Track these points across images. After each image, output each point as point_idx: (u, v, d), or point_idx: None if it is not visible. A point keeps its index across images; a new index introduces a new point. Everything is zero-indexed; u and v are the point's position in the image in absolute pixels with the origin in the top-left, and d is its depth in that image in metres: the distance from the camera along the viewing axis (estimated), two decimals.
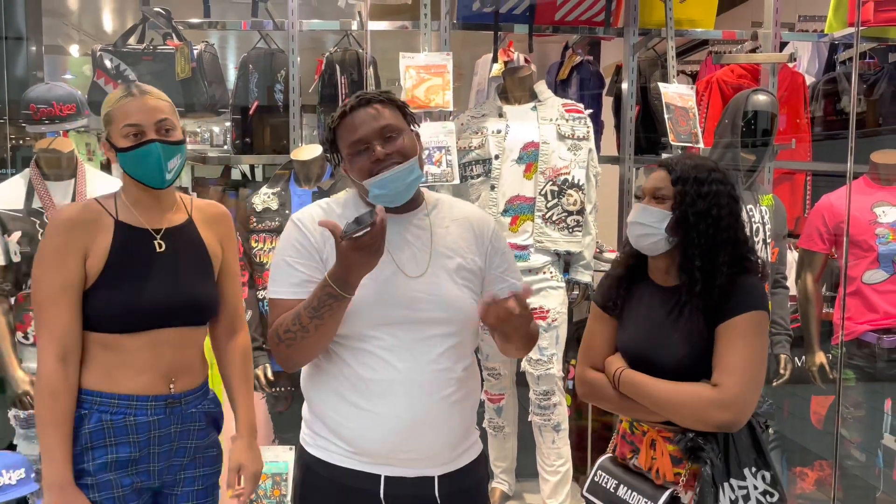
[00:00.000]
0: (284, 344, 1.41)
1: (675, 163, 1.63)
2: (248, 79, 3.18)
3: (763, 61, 3.13)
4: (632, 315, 1.68)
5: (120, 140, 1.56)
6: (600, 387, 1.67)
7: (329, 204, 1.55)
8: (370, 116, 1.44)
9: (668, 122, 2.83)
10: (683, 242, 1.57)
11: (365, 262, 1.34)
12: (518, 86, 2.86)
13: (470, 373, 1.55)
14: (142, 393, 1.58)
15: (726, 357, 1.51)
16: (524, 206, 2.74)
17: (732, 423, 1.50)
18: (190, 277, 1.64)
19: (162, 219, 1.64)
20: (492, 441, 2.98)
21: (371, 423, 1.44)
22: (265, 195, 2.69)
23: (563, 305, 2.75)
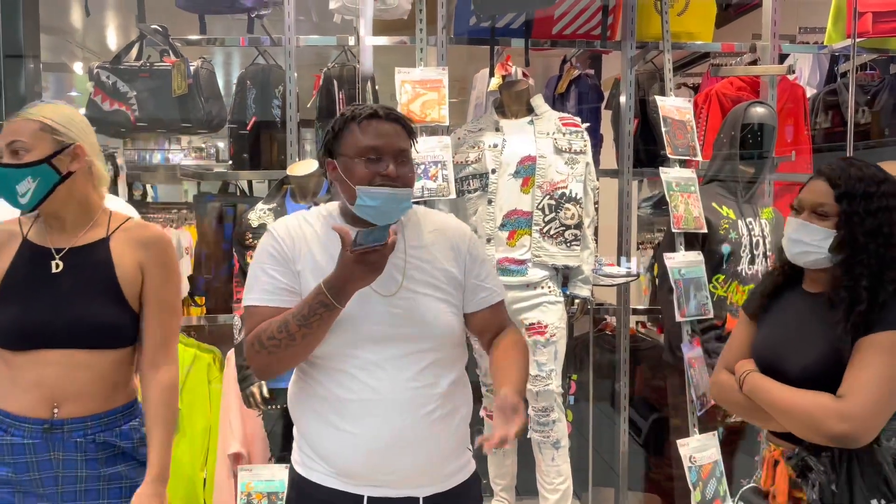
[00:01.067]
0: (266, 350, 1.38)
1: (839, 175, 1.50)
2: (245, 94, 3.20)
3: (761, 73, 3.12)
4: (772, 320, 1.63)
5: None
6: (728, 389, 1.63)
7: (304, 216, 1.53)
8: (392, 132, 1.44)
9: (666, 135, 2.81)
10: (848, 260, 1.48)
11: (366, 277, 1.33)
12: (515, 100, 2.85)
13: (456, 389, 1.51)
14: (20, 413, 1.55)
15: (859, 371, 1.43)
16: (522, 221, 2.72)
17: (849, 436, 1.40)
18: (83, 299, 1.58)
19: (70, 238, 1.61)
20: (491, 458, 2.94)
21: (350, 444, 1.42)
22: (261, 211, 2.68)
23: (561, 320, 2.73)
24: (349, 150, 1.43)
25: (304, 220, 1.51)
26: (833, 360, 1.47)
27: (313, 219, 1.52)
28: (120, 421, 1.63)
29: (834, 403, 1.42)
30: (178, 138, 7.49)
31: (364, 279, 1.34)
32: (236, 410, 2.96)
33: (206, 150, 8.38)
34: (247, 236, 2.66)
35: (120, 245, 1.63)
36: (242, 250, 2.66)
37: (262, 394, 2.60)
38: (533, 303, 2.69)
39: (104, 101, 2.82)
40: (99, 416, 1.59)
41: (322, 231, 1.49)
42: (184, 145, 8.15)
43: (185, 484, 2.98)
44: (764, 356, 1.60)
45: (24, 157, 1.53)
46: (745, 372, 1.59)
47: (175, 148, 8.03)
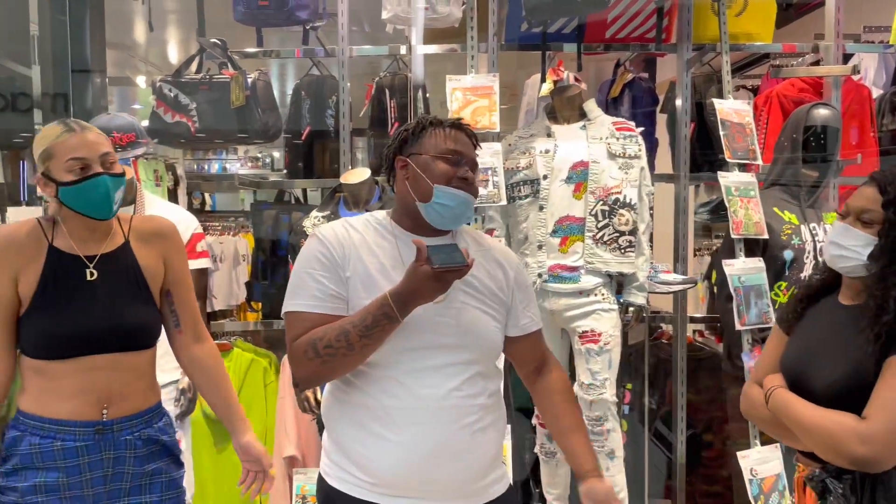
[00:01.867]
0: (321, 359, 1.37)
1: (891, 182, 1.46)
2: (300, 105, 3.25)
3: (824, 74, 3.02)
4: (803, 332, 1.59)
5: (63, 174, 1.56)
6: (756, 404, 1.59)
7: (350, 223, 1.54)
8: (469, 143, 1.53)
9: (724, 138, 2.75)
10: (885, 270, 1.44)
11: (435, 293, 1.36)
12: (566, 105, 2.82)
13: (496, 402, 1.52)
14: (70, 418, 1.58)
15: (886, 391, 1.38)
16: (574, 227, 2.69)
17: (870, 460, 1.35)
18: (121, 304, 1.63)
19: (97, 245, 1.64)
20: (544, 467, 2.91)
21: (391, 452, 1.41)
22: (315, 218, 2.72)
23: (615, 328, 2.68)
24: (430, 149, 1.48)
25: (350, 226, 1.52)
26: (859, 378, 1.42)
27: (360, 226, 1.52)
28: (156, 418, 1.70)
29: (856, 424, 1.37)
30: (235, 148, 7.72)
31: (432, 295, 1.36)
32: (291, 414, 3.01)
33: (262, 160, 8.60)
34: (301, 243, 2.70)
35: (138, 244, 1.69)
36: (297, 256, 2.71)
37: (317, 398, 2.64)
38: (586, 310, 2.65)
39: (166, 113, 2.92)
40: (141, 413, 1.66)
41: (372, 239, 1.50)
42: (240, 155, 8.38)
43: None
44: (792, 370, 1.55)
45: (116, 168, 1.61)
46: (773, 388, 1.54)
47: (232, 158, 8.28)
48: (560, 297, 2.66)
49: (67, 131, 1.58)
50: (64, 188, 1.57)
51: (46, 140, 1.59)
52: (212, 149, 6.53)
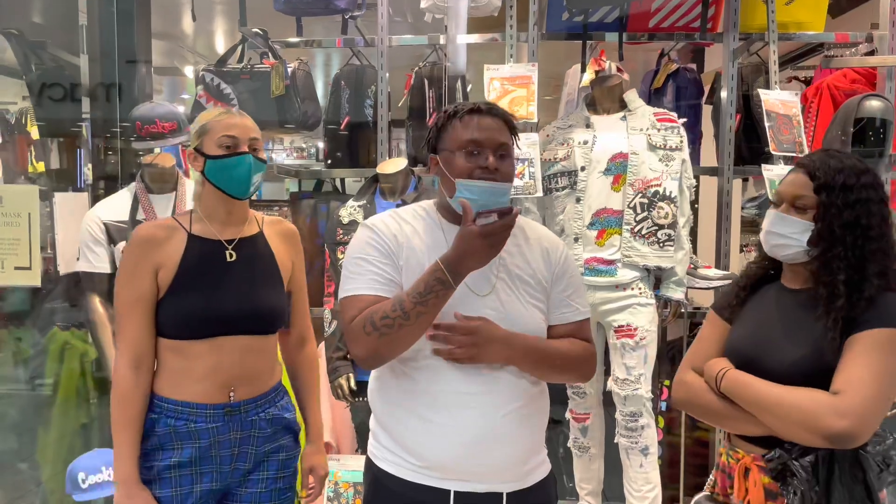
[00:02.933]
0: (378, 332, 1.38)
1: (818, 166, 1.47)
2: (340, 95, 3.27)
3: (878, 64, 2.90)
4: (748, 317, 1.57)
5: (214, 149, 1.67)
6: (697, 390, 1.54)
7: (399, 214, 1.56)
8: (494, 127, 1.47)
9: (769, 130, 2.66)
10: (826, 254, 1.44)
11: (485, 253, 1.36)
12: (606, 95, 2.77)
13: (539, 389, 1.54)
14: (201, 401, 1.65)
15: (853, 367, 1.37)
16: (611, 220, 2.65)
17: (849, 434, 1.33)
18: (258, 287, 1.71)
19: (235, 230, 1.73)
20: (577, 462, 2.89)
21: (440, 436, 1.44)
22: (352, 208, 2.74)
23: (652, 323, 2.63)
24: (450, 144, 1.47)
25: (400, 217, 1.54)
26: (820, 359, 1.40)
27: (410, 217, 1.54)
28: (279, 397, 1.78)
29: (831, 399, 1.35)
30: (281, 139, 7.82)
31: (482, 256, 1.36)
32: (326, 402, 3.04)
33: (307, 150, 8.70)
34: (338, 232, 2.73)
35: (272, 238, 1.78)
36: (333, 246, 2.73)
37: (350, 386, 2.67)
38: (622, 304, 2.61)
39: (208, 102, 2.96)
40: (266, 394, 1.74)
41: (422, 229, 1.52)
42: (286, 145, 8.49)
43: None
44: (742, 355, 1.50)
45: (261, 154, 1.71)
46: (723, 369, 1.49)
47: (279, 148, 8.39)
48: (596, 290, 2.62)
49: (226, 113, 1.70)
50: (211, 161, 1.66)
51: (205, 118, 1.71)
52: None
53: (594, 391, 2.79)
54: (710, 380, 1.52)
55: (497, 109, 1.49)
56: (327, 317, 2.74)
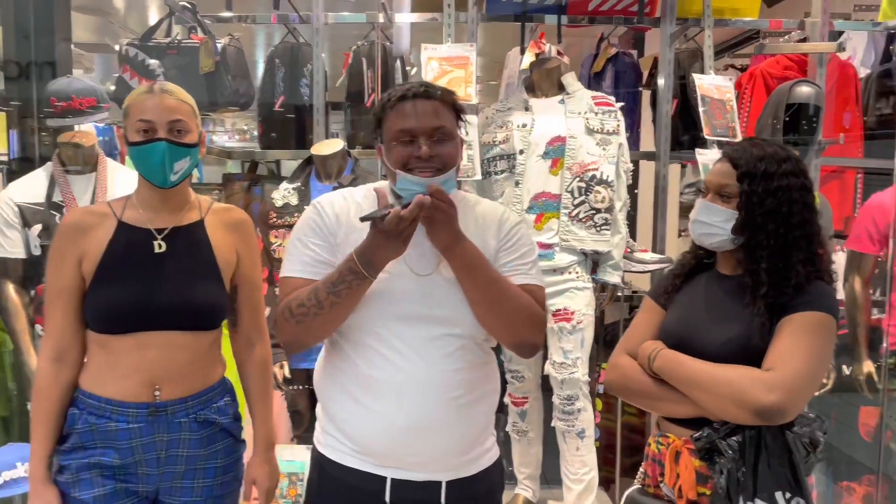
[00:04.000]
0: (294, 320, 1.38)
1: (740, 155, 1.49)
2: (274, 73, 3.16)
3: (809, 51, 2.96)
4: (681, 302, 1.58)
5: (132, 134, 1.56)
6: (631, 373, 1.54)
7: (351, 193, 1.53)
8: (428, 111, 1.42)
9: (704, 115, 2.69)
10: (750, 242, 1.46)
11: (390, 247, 1.34)
12: (545, 78, 2.75)
13: (484, 375, 1.50)
14: (124, 399, 1.55)
15: (784, 346, 1.39)
16: (550, 204, 2.63)
17: (780, 408, 1.35)
18: (191, 280, 1.59)
19: (170, 218, 1.62)
20: (515, 446, 2.89)
21: (378, 423, 1.42)
22: (285, 190, 2.66)
23: (588, 307, 2.64)
24: (387, 133, 1.44)
25: (350, 197, 1.52)
26: (748, 341, 1.42)
27: (360, 197, 1.52)
28: (216, 398, 1.66)
29: (761, 374, 1.38)
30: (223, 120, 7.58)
31: (389, 249, 1.34)
32: None
33: (249, 132, 8.47)
34: (271, 215, 2.64)
35: (214, 227, 1.66)
36: (266, 229, 2.65)
37: (285, 374, 2.60)
38: (559, 288, 2.61)
39: (132, 78, 2.82)
40: (198, 394, 1.62)
41: (370, 208, 1.47)
42: (228, 127, 8.24)
43: None
44: (676, 336, 1.52)
45: (185, 137, 1.57)
46: (655, 349, 1.50)
47: (220, 129, 8.14)
48: None
49: (146, 92, 1.57)
50: (131, 147, 1.57)
51: (128, 99, 1.59)
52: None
53: (532, 375, 2.79)
54: (644, 360, 1.53)
55: (432, 91, 1.44)
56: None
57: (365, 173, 2.69)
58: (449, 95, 1.46)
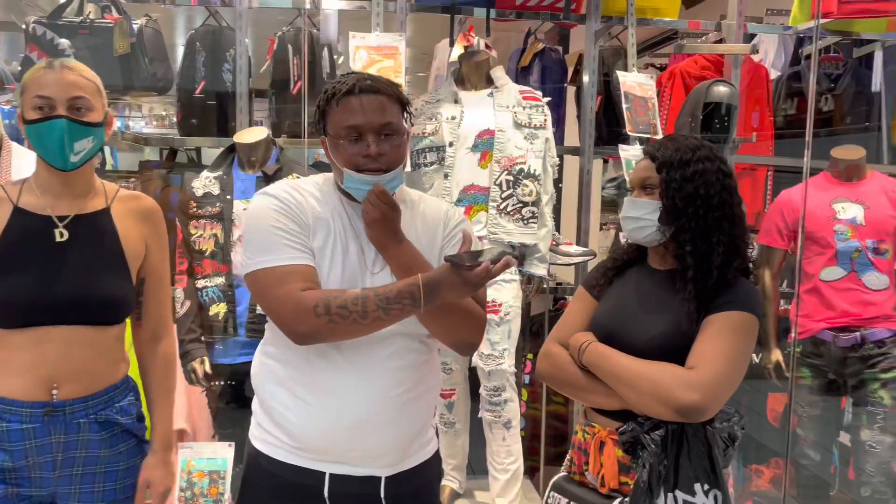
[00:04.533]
0: (329, 317, 1.31)
1: (657, 148, 1.54)
2: (194, 57, 3.04)
3: (725, 52, 3.08)
4: (613, 294, 1.60)
5: (29, 111, 1.45)
6: (561, 363, 1.56)
7: (299, 186, 1.46)
8: (375, 107, 1.38)
9: (627, 112, 2.76)
10: (676, 229, 1.49)
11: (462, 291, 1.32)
12: (474, 71, 2.76)
13: (428, 370, 1.49)
14: (18, 398, 1.45)
15: (707, 345, 1.42)
16: (478, 196, 2.65)
17: (699, 407, 1.38)
18: (94, 271, 1.50)
19: (72, 205, 1.52)
20: (442, 437, 2.89)
21: (319, 419, 1.39)
22: (206, 179, 2.56)
23: (516, 299, 2.67)
24: (332, 128, 1.41)
25: (301, 188, 1.46)
26: (679, 334, 1.46)
27: (311, 187, 1.47)
28: (118, 397, 1.57)
29: (683, 373, 1.40)
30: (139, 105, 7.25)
31: (459, 293, 1.32)
32: (181, 386, 2.86)
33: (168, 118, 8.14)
34: (191, 205, 2.54)
35: (121, 216, 1.56)
36: (186, 219, 2.55)
37: (205, 370, 2.51)
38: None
39: (40, 59, 2.66)
40: (99, 393, 1.53)
41: (324, 200, 1.44)
42: (145, 112, 7.90)
43: None
44: (606, 329, 1.54)
45: (87, 115, 1.47)
46: (586, 342, 1.53)
47: (136, 115, 7.79)
48: None
49: (45, 68, 1.46)
50: (27, 126, 1.46)
51: (26, 75, 1.49)
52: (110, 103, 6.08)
53: (459, 367, 2.80)
54: (574, 352, 1.55)
55: (378, 84, 1.40)
56: (179, 297, 2.56)
57: (291, 163, 2.63)
58: (395, 88, 1.43)
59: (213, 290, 2.50)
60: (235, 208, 2.52)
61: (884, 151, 3.57)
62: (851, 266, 2.72)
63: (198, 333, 2.51)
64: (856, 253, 2.72)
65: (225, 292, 2.49)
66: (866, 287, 2.72)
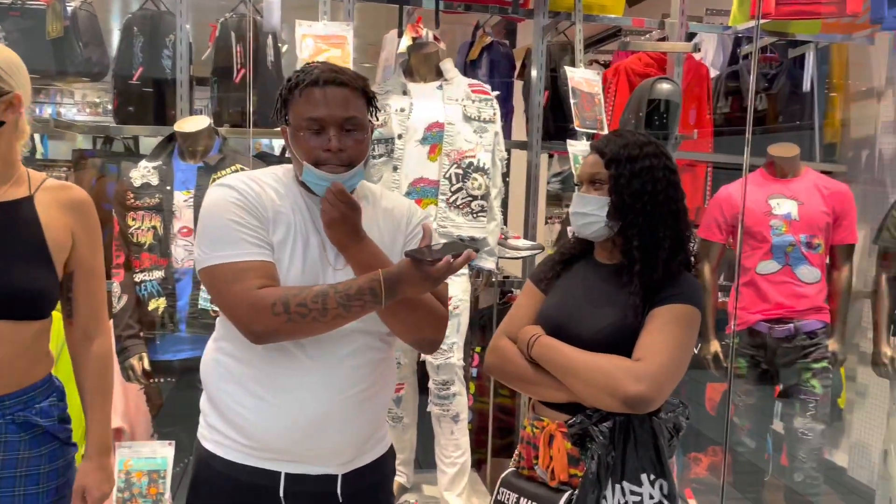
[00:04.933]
0: (288, 316, 1.27)
1: (606, 144, 1.55)
2: (132, 42, 2.92)
3: (668, 50, 3.14)
4: (562, 287, 1.61)
5: None
6: (510, 356, 1.57)
7: (257, 177, 1.41)
8: (339, 100, 1.35)
9: (574, 107, 2.78)
10: (623, 225, 1.51)
11: (422, 287, 1.31)
12: (423, 63, 2.74)
13: (386, 367, 1.48)
14: None
15: (652, 338, 1.45)
16: (428, 190, 2.63)
17: (645, 397, 1.40)
18: (8, 262, 1.41)
19: None
20: (390, 432, 2.86)
21: (275, 417, 1.35)
22: (145, 169, 2.47)
23: (465, 293, 2.67)
24: (294, 119, 1.37)
25: (260, 180, 1.41)
26: (625, 326, 1.48)
27: (270, 179, 1.42)
28: (39, 397, 1.49)
29: (631, 364, 1.43)
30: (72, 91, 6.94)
31: (419, 289, 1.32)
32: (117, 383, 2.75)
33: (102, 105, 7.82)
34: (128, 196, 2.45)
35: (46, 206, 1.47)
36: (123, 211, 2.46)
37: (144, 366, 2.43)
38: None
39: None
40: (17, 393, 1.44)
41: (284, 193, 1.40)
42: (78, 99, 7.57)
43: None
44: (554, 322, 1.56)
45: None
46: (534, 335, 1.55)
47: (68, 102, 7.46)
48: None
49: None
50: None
51: None
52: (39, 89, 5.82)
53: (408, 361, 2.79)
54: (522, 345, 1.56)
55: (344, 76, 1.36)
56: (116, 291, 2.46)
57: (234, 153, 2.56)
58: (361, 82, 1.39)
59: (151, 284, 2.41)
60: (176, 199, 2.44)
61: (816, 149, 3.70)
62: (786, 260, 2.82)
63: (136, 329, 2.42)
64: (790, 247, 2.82)
65: (164, 287, 2.41)
66: (799, 280, 2.82)
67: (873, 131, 3.60)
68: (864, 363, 3.43)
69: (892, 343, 2.82)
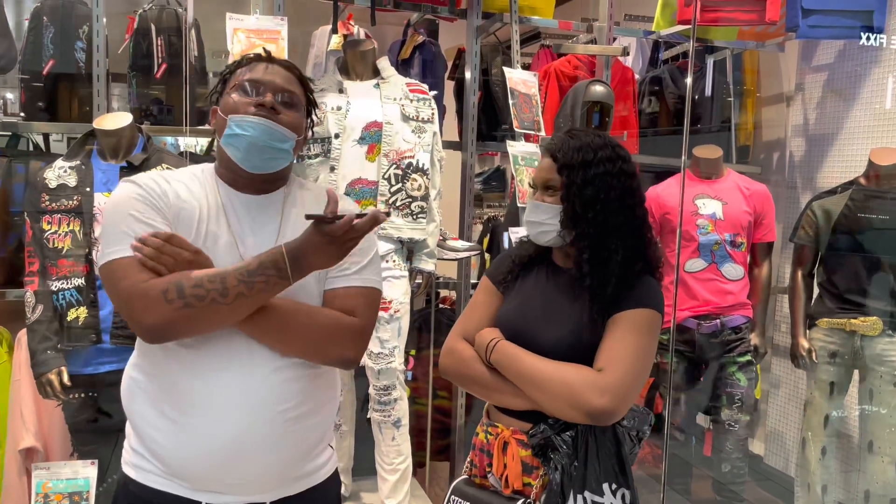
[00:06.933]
0: (184, 301, 1.16)
1: (559, 147, 1.47)
2: (41, 33, 2.71)
3: (600, 53, 3.19)
4: (521, 290, 1.55)
5: None
6: (467, 360, 1.50)
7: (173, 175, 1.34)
8: (282, 74, 1.34)
9: (513, 107, 2.78)
10: (577, 235, 1.45)
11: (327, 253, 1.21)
12: (360, 60, 2.67)
13: (322, 384, 1.34)
14: None
15: (614, 346, 1.40)
16: (366, 191, 2.56)
17: (609, 410, 1.35)
18: None
19: None
20: None
21: (191, 441, 1.23)
22: (61, 169, 2.29)
23: (405, 295, 2.62)
24: (232, 81, 1.33)
25: (169, 177, 1.33)
26: (584, 336, 1.44)
27: (184, 176, 1.34)
28: None
29: (595, 377, 1.38)
30: None
31: (325, 256, 1.21)
32: (29, 399, 2.55)
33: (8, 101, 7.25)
34: (43, 198, 2.27)
35: None
36: (37, 215, 2.27)
37: (62, 381, 2.24)
38: None
39: None
40: None
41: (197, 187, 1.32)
42: None
43: None
44: (513, 327, 1.50)
45: None
46: (494, 340, 1.48)
47: None
48: None
49: None
50: None
51: None
52: None
53: None
54: (481, 350, 1.50)
55: (290, 63, 1.37)
56: (29, 300, 2.27)
57: (160, 152, 2.41)
58: (307, 80, 1.40)
59: (70, 292, 2.24)
60: (97, 201, 2.28)
61: (732, 151, 3.87)
62: (712, 258, 2.93)
63: (53, 341, 2.24)
64: (716, 246, 2.93)
65: (85, 295, 2.24)
66: (725, 277, 2.94)
67: (783, 135, 3.79)
68: (777, 355, 3.62)
69: (809, 336, 2.97)
